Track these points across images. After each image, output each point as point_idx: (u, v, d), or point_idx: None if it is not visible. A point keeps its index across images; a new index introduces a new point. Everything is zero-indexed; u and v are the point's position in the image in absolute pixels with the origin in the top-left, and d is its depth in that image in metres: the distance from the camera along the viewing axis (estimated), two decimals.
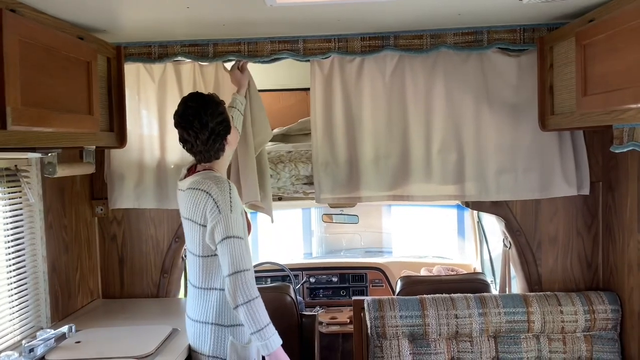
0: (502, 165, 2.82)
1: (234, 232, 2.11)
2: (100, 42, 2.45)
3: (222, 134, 2.27)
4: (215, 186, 2.15)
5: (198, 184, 2.21)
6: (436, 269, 4.12)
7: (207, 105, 2.24)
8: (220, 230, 2.11)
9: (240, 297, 2.06)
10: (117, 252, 3.09)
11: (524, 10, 2.39)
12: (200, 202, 2.16)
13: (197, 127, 2.22)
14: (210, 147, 2.27)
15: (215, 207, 2.13)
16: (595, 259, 2.97)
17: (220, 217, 2.11)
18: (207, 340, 2.22)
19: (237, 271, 2.07)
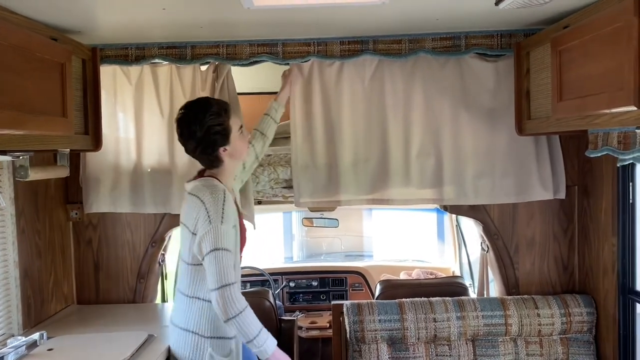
0: (480, 169, 2.84)
1: (222, 244, 2.07)
2: (75, 44, 2.41)
3: (213, 144, 2.20)
4: (210, 196, 2.11)
5: (196, 190, 2.18)
6: (415, 273, 4.13)
7: (199, 114, 2.18)
8: (209, 241, 2.07)
9: (230, 311, 2.04)
10: (93, 257, 3.04)
11: (501, 15, 2.41)
12: (194, 209, 2.13)
13: (186, 135, 2.21)
14: (201, 155, 2.23)
15: (207, 217, 2.09)
16: (571, 262, 3.00)
17: (210, 228, 2.07)
18: (187, 347, 2.20)
19: (224, 285, 2.04)
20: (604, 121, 1.98)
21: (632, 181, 2.54)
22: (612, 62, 1.83)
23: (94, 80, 2.53)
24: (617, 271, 2.59)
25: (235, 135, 2.25)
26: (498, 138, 2.84)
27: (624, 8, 1.73)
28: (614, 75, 1.82)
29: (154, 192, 2.90)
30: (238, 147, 2.27)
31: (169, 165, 2.90)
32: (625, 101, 1.74)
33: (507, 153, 2.85)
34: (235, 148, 2.26)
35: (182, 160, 2.89)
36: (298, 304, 4.54)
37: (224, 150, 2.22)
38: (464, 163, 2.84)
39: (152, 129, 2.91)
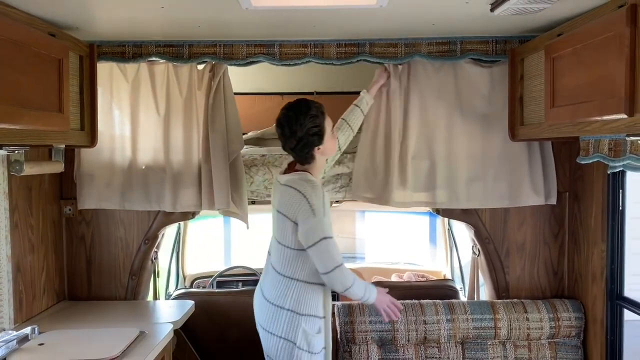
0: (473, 173, 2.86)
1: (327, 233, 2.29)
2: (73, 40, 2.42)
3: (311, 144, 2.38)
4: (312, 191, 2.30)
5: (295, 183, 2.35)
6: (407, 275, 4.15)
7: (300, 116, 2.36)
8: (316, 232, 2.27)
9: (344, 285, 2.31)
10: (85, 253, 3.04)
11: (496, 22, 2.44)
12: (295, 201, 2.31)
13: (287, 133, 2.39)
14: (298, 153, 2.42)
15: (311, 211, 2.27)
16: (561, 267, 3.03)
17: (315, 221, 2.27)
18: (281, 323, 2.39)
19: (336, 267, 2.28)
20: (595, 128, 2.01)
21: (621, 188, 2.57)
22: (603, 70, 1.87)
23: (90, 76, 2.54)
24: (605, 277, 2.63)
25: (329, 136, 2.44)
26: (491, 143, 2.87)
27: (617, 18, 1.76)
28: (605, 83, 1.85)
29: (147, 189, 2.91)
30: (329, 146, 2.47)
31: (163, 163, 2.90)
32: (616, 109, 1.77)
33: (500, 158, 2.88)
34: (327, 147, 2.45)
35: (176, 158, 2.90)
36: None
37: (318, 149, 2.41)
38: (457, 167, 2.87)
39: (147, 126, 2.91)
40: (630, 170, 2.12)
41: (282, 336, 2.39)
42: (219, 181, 2.81)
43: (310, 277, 2.38)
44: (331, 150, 2.52)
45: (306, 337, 2.37)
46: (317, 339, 2.40)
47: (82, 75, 2.49)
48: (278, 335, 2.39)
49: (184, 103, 2.89)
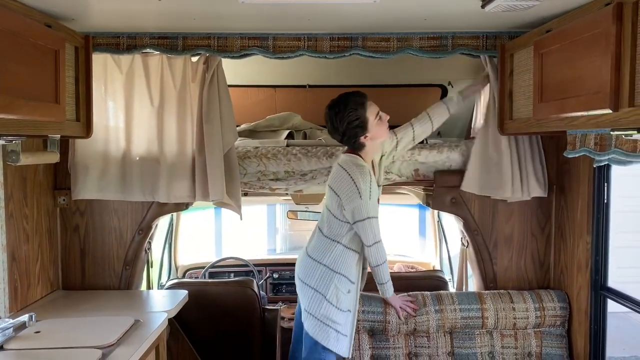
0: (479, 164, 2.94)
1: (370, 213, 2.60)
2: (69, 31, 2.43)
3: (355, 135, 2.63)
4: (360, 176, 2.57)
5: (346, 165, 2.63)
6: (397, 267, 4.21)
7: (339, 112, 2.61)
8: (361, 212, 2.58)
9: (379, 259, 2.66)
10: (79, 243, 3.06)
11: (486, 17, 2.49)
12: (344, 182, 2.60)
13: (332, 130, 2.69)
14: (347, 143, 2.70)
15: (357, 193, 2.56)
16: (547, 259, 3.10)
17: (361, 202, 2.57)
18: (317, 275, 2.68)
19: (376, 242, 2.63)
20: (582, 123, 2.06)
21: (607, 182, 2.63)
22: (590, 66, 1.92)
23: (86, 67, 2.55)
24: (590, 268, 2.70)
25: (373, 123, 2.64)
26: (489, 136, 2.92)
27: (604, 15, 1.82)
28: (591, 78, 1.91)
29: (142, 180, 2.93)
30: (377, 131, 2.68)
31: (157, 154, 2.93)
32: (602, 104, 1.82)
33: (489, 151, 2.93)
34: (375, 133, 2.66)
35: (170, 149, 2.93)
36: (281, 294, 4.59)
37: (365, 137, 2.64)
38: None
39: (141, 118, 2.93)
40: (615, 164, 2.18)
41: (315, 287, 2.68)
42: (213, 173, 2.84)
43: (350, 244, 2.68)
44: (381, 135, 2.71)
45: (337, 293, 2.65)
46: (346, 298, 2.66)
47: (77, 66, 2.50)
48: (311, 287, 2.69)
49: (177, 95, 2.91)
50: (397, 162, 3.04)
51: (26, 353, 2.10)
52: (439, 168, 3.05)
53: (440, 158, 3.02)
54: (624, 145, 2.04)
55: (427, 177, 3.07)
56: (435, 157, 3.02)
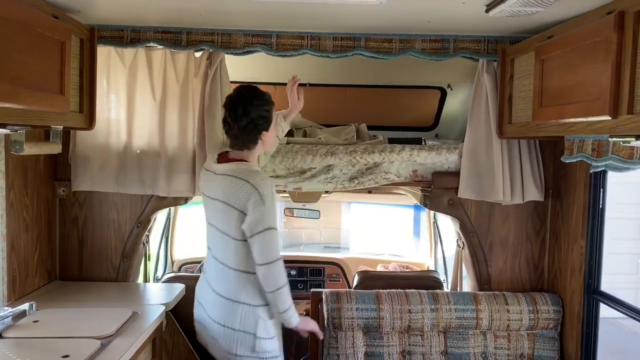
0: (470, 167, 2.97)
1: (273, 224, 2.29)
2: (74, 23, 2.44)
3: (260, 127, 2.41)
4: (261, 181, 2.30)
5: (240, 173, 2.34)
6: (392, 266, 4.24)
7: (256, 98, 2.40)
8: (263, 221, 2.26)
9: (275, 284, 2.29)
10: (78, 234, 3.07)
11: (489, 22, 2.51)
12: (243, 191, 2.29)
13: (240, 112, 2.37)
14: (245, 135, 2.41)
15: (260, 200, 2.26)
16: (541, 262, 3.14)
17: (264, 210, 2.26)
18: (238, 316, 2.36)
19: (273, 260, 2.28)
20: (580, 128, 2.10)
21: (603, 187, 2.67)
22: (590, 73, 1.95)
23: (90, 60, 2.56)
24: (584, 272, 2.73)
25: (273, 126, 2.49)
26: (481, 140, 2.95)
27: (605, 23, 1.85)
28: (591, 85, 1.94)
29: (141, 173, 2.95)
30: (271, 136, 2.51)
31: (158, 148, 2.94)
32: (601, 111, 1.85)
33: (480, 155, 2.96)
34: (270, 137, 2.49)
35: (171, 144, 2.94)
36: None
37: (264, 136, 2.44)
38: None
39: (143, 111, 2.94)
40: (612, 170, 2.20)
41: (241, 329, 2.36)
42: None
43: None
44: (270, 143, 2.55)
45: (265, 326, 2.38)
46: (272, 324, 2.41)
47: (82, 58, 2.51)
48: (237, 329, 2.36)
49: (180, 89, 2.93)
50: (395, 162, 3.06)
51: (25, 342, 2.12)
52: (437, 169, 3.08)
53: (439, 159, 3.05)
54: (621, 151, 2.07)
55: (425, 178, 3.10)
56: (434, 159, 3.05)
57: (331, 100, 3.98)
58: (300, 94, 2.93)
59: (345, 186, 3.10)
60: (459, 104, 3.91)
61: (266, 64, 3.41)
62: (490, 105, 2.90)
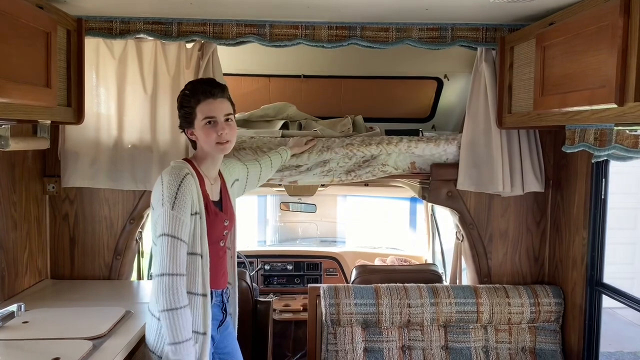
0: (469, 159, 2.92)
1: (170, 230, 1.97)
2: (61, 13, 2.36)
3: (182, 123, 2.21)
4: (169, 177, 2.02)
5: (164, 170, 2.12)
6: (390, 260, 4.19)
7: (184, 88, 2.21)
8: (160, 225, 1.99)
9: (166, 302, 1.93)
10: (69, 231, 3.00)
11: (487, 10, 2.46)
12: (155, 186, 2.08)
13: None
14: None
15: (161, 199, 2.01)
16: (542, 254, 3.09)
17: (162, 211, 1.99)
18: (152, 333, 2.10)
19: (165, 273, 1.94)
20: (584, 117, 2.04)
21: (605, 177, 2.62)
22: (595, 60, 1.89)
23: (78, 52, 2.48)
24: (586, 264, 2.69)
25: (199, 124, 2.14)
26: (479, 131, 2.90)
27: (610, 8, 1.79)
28: (596, 72, 1.88)
29: (133, 168, 2.88)
30: (201, 136, 2.16)
31: (150, 142, 2.87)
32: (607, 98, 1.80)
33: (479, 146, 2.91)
34: (200, 136, 2.16)
35: (163, 138, 2.87)
36: (272, 286, 4.56)
37: (192, 134, 2.19)
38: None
39: (134, 104, 2.87)
40: (615, 159, 2.16)
41: (150, 349, 2.09)
42: None
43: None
44: (203, 142, 2.16)
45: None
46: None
47: (69, 50, 2.43)
48: (149, 349, 2.10)
49: (171, 82, 2.85)
50: (393, 154, 3.00)
51: (14, 344, 2.04)
52: (436, 161, 3.02)
53: (437, 151, 2.99)
54: (625, 140, 2.02)
55: (424, 170, 3.04)
56: (432, 150, 2.99)
57: (326, 92, 3.91)
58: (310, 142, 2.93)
59: (342, 179, 3.04)
60: (455, 95, 3.87)
61: (259, 55, 3.38)
62: (489, 94, 2.85)
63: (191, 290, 2.07)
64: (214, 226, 2.21)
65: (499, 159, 2.85)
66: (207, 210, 2.17)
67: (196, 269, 2.08)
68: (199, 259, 2.10)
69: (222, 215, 2.28)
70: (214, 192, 2.28)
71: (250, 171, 2.64)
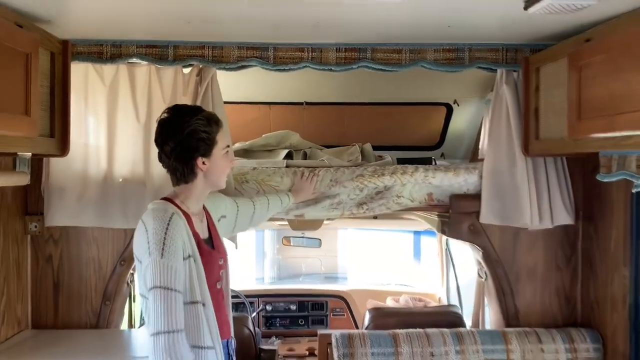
0: (492, 189, 2.68)
1: (162, 281, 1.74)
2: (44, 34, 2.13)
3: (194, 150, 1.95)
4: (153, 221, 1.80)
5: (145, 213, 1.88)
6: (403, 299, 3.92)
7: (187, 115, 1.96)
8: (150, 277, 1.75)
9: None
10: (53, 275, 2.71)
11: (509, 29, 2.31)
12: (137, 236, 1.84)
13: (166, 134, 1.97)
14: (176, 163, 1.96)
15: (147, 246, 1.78)
16: (574, 293, 2.83)
17: (149, 261, 1.76)
18: None
19: (161, 332, 1.72)
20: (637, 142, 1.81)
21: None
22: None
23: (63, 76, 2.25)
24: (629, 305, 2.42)
25: (219, 152, 2.00)
26: (502, 159, 2.68)
27: None
28: None
29: (124, 204, 2.62)
30: (218, 166, 2.01)
31: (143, 175, 2.63)
32: None
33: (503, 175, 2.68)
34: (215, 166, 2.00)
35: (158, 170, 2.60)
36: (275, 329, 4.28)
37: (203, 164, 1.98)
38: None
39: (126, 135, 2.64)
40: None
41: None
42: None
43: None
44: (219, 175, 2.02)
45: None
46: None
47: (53, 75, 2.19)
48: None
49: None
50: (408, 185, 2.76)
51: None
52: (455, 192, 2.78)
53: (457, 181, 2.75)
54: None
55: (442, 202, 2.80)
56: (451, 180, 2.75)
57: (329, 119, 3.75)
58: (313, 182, 2.70)
59: (353, 212, 2.80)
60: (466, 121, 3.70)
61: (260, 82, 3.23)
62: (512, 120, 2.64)
63: (197, 344, 1.85)
64: (210, 268, 1.99)
65: (525, 188, 2.61)
66: (201, 251, 1.94)
67: (199, 318, 1.86)
68: (201, 307, 1.87)
69: (216, 253, 2.06)
70: (203, 230, 2.06)
71: (240, 210, 2.41)
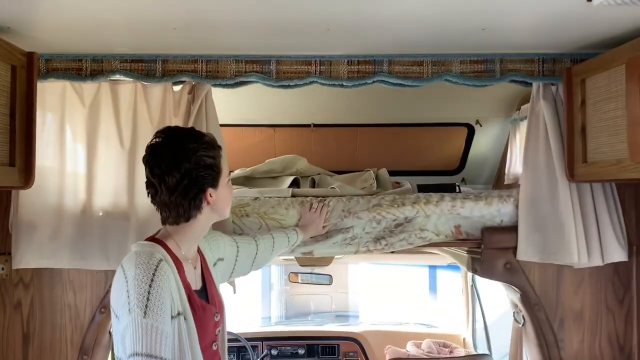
0: (530, 221, 2.34)
1: (143, 347, 1.41)
2: (2, 44, 1.81)
3: (202, 182, 1.66)
4: (135, 267, 1.48)
5: (125, 259, 1.56)
6: (426, 345, 3.53)
7: (189, 138, 1.67)
8: (128, 341, 1.41)
9: None
10: (22, 325, 2.37)
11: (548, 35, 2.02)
12: (115, 284, 1.51)
13: (165, 167, 1.63)
14: (178, 200, 1.64)
15: (127, 300, 1.44)
16: (629, 340, 2.44)
17: (129, 320, 1.42)
18: None
19: None
20: None
21: None
22: None
23: (27, 94, 1.93)
24: None
25: (224, 181, 1.76)
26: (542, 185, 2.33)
27: None
28: None
29: (105, 242, 2.29)
30: (225, 197, 1.77)
31: (126, 208, 2.30)
32: None
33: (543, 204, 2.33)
34: (222, 197, 1.75)
35: (143, 202, 2.27)
36: None
37: (210, 196, 1.69)
38: None
39: (108, 162, 2.32)
40: None
41: None
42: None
43: None
44: (224, 205, 1.78)
45: None
46: None
47: (14, 92, 1.87)
48: None
49: (154, 132, 2.30)
50: (432, 216, 2.41)
51: None
52: (487, 224, 2.42)
53: (489, 211, 2.39)
54: None
55: (471, 235, 2.44)
56: (483, 211, 2.39)
57: (339, 142, 3.44)
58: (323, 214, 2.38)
59: (369, 248, 2.44)
60: (489, 143, 3.39)
61: (262, 103, 2.98)
62: (551, 140, 2.30)
63: None
64: (203, 326, 1.65)
65: (570, 220, 2.25)
66: (193, 306, 1.60)
67: None
68: None
69: (211, 308, 1.72)
70: (196, 278, 1.73)
71: (241, 251, 2.07)
